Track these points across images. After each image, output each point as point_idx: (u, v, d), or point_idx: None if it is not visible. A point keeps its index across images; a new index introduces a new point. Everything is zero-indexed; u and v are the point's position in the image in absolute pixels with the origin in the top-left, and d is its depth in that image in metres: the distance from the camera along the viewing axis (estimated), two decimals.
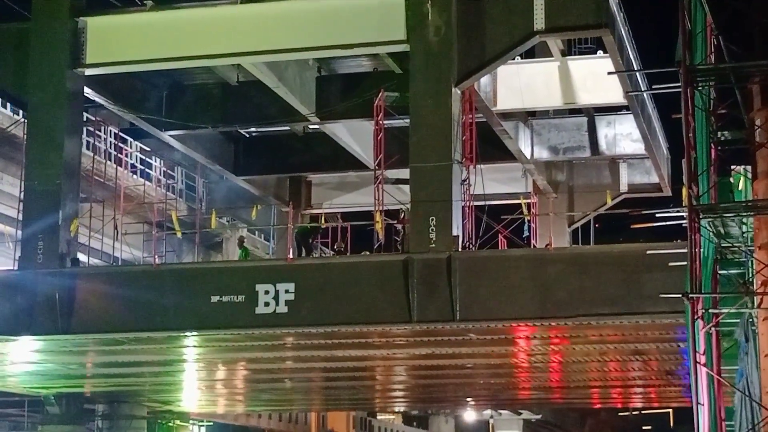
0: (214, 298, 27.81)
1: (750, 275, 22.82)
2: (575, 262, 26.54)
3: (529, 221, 34.11)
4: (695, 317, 21.72)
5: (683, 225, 23.04)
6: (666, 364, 33.47)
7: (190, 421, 55.49)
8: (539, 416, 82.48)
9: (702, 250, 22.15)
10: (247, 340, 29.79)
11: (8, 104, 37.86)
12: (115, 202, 33.28)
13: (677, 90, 22.71)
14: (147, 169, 46.09)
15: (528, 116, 39.39)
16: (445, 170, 27.41)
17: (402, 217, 31.29)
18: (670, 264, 23.89)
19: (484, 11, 28.01)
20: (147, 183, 43.91)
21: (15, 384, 40.25)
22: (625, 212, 31.72)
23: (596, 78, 34.61)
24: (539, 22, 27.54)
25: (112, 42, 30.49)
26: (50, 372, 36.89)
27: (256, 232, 54.20)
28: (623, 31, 30.32)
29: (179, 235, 32.24)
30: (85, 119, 34.17)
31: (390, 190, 30.49)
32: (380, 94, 30.53)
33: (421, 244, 26.97)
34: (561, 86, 35.41)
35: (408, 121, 28.53)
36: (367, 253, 30.93)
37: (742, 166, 23.61)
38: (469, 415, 78.81)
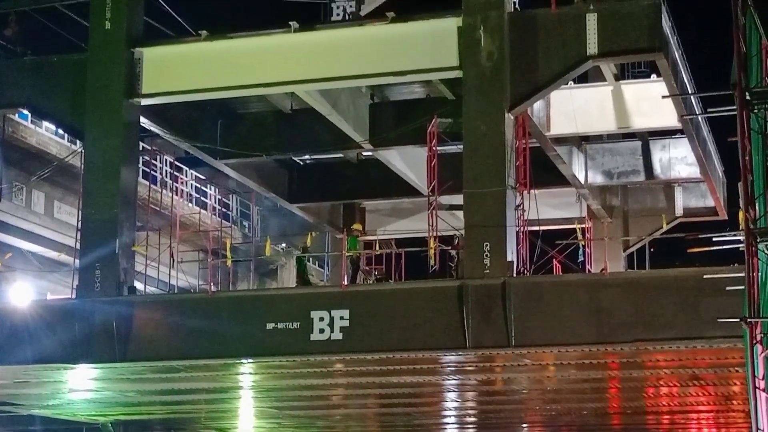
0: (270, 325, 27.89)
1: None
2: (631, 287, 26.34)
3: (583, 246, 33.95)
4: (754, 342, 21.54)
5: (740, 249, 22.88)
6: (724, 389, 33.10)
7: None
8: None
9: (760, 274, 21.98)
10: (302, 367, 29.83)
11: (65, 134, 38.31)
12: (170, 230, 33.52)
13: (733, 113, 22.61)
14: (202, 198, 46.47)
15: (582, 141, 39.25)
16: (499, 196, 27.38)
17: (456, 242, 31.25)
18: (728, 288, 23.71)
19: (536, 36, 28.01)
20: (202, 211, 44.20)
21: (73, 412, 40.52)
22: (680, 236, 31.41)
23: (650, 102, 34.45)
24: (592, 47, 27.51)
25: (168, 72, 30.84)
26: (108, 399, 37.11)
27: (311, 259, 54.39)
28: (677, 55, 30.17)
29: (229, 263, 32.40)
30: (141, 148, 34.49)
31: (444, 216, 30.48)
32: (433, 121, 30.55)
33: (475, 270, 26.92)
34: (615, 110, 35.28)
35: (461, 146, 28.54)
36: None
37: None
38: None
